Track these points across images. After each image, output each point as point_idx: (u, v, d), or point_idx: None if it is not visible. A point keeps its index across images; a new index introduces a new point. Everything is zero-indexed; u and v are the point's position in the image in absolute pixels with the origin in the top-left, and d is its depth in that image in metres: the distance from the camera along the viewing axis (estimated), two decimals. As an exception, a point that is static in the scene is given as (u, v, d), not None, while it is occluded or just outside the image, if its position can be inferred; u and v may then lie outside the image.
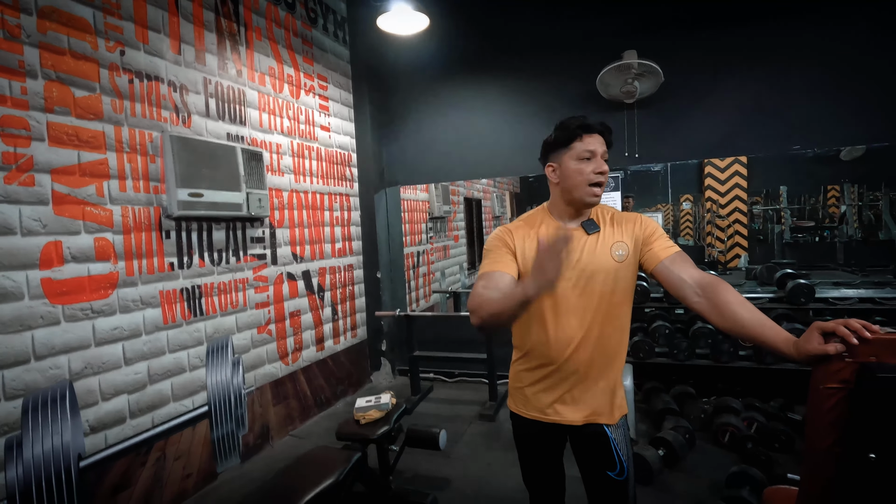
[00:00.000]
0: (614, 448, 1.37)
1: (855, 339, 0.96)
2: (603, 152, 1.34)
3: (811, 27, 3.17)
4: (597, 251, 1.33)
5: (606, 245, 1.34)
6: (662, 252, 1.30)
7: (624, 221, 1.38)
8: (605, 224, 1.37)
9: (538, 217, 1.44)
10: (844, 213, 9.47)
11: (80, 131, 2.14)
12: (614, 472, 1.37)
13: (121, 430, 2.27)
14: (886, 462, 0.97)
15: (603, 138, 1.35)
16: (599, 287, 1.32)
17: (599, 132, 1.34)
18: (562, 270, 1.05)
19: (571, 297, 1.33)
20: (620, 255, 1.33)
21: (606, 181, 1.35)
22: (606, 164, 1.35)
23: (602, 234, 1.35)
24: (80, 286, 2.12)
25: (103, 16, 2.24)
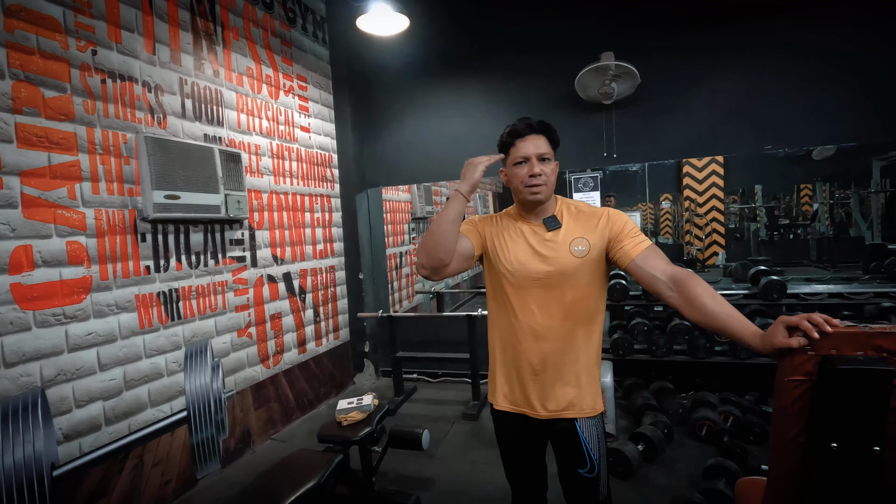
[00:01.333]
0: (585, 446, 1.40)
1: (816, 334, 1.00)
2: (540, 153, 1.37)
3: (783, 31, 3.26)
4: (556, 247, 1.38)
5: (566, 241, 1.38)
6: (633, 250, 1.32)
7: (589, 217, 1.41)
8: (567, 220, 1.41)
9: (511, 214, 1.51)
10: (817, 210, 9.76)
11: (51, 132, 2.09)
12: (584, 469, 1.40)
13: (96, 438, 2.22)
14: (847, 451, 1.01)
15: (542, 136, 1.38)
16: (560, 281, 1.37)
17: (534, 133, 1.38)
18: (480, 174, 1.35)
19: (535, 290, 1.39)
20: (580, 251, 1.36)
21: (546, 179, 1.37)
22: (547, 161, 1.38)
23: (562, 230, 1.40)
24: (52, 291, 2.07)
25: (74, 15, 2.19)
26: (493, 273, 1.48)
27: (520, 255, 1.41)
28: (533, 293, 1.39)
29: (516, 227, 1.45)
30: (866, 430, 0.99)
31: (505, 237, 1.45)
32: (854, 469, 1.01)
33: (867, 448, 0.99)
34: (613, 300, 3.24)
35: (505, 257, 1.43)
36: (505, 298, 1.44)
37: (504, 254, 1.43)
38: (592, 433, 1.41)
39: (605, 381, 3.02)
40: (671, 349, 3.11)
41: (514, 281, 1.41)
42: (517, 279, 1.40)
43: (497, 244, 1.45)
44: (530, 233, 1.42)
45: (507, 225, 1.48)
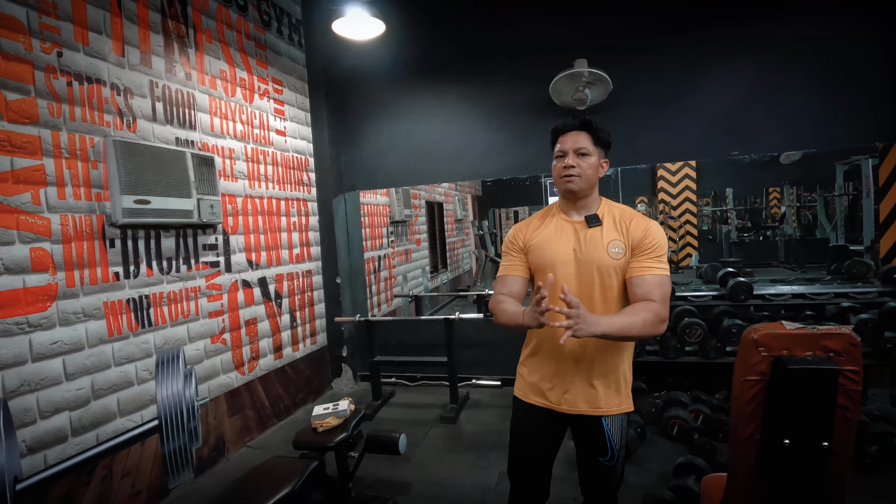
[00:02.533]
0: (609, 439, 1.48)
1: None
2: (577, 147, 1.45)
3: (749, 42, 3.38)
4: (594, 245, 1.43)
5: (604, 241, 1.43)
6: (640, 269, 1.40)
7: (628, 223, 1.46)
8: (609, 220, 1.47)
9: (547, 210, 1.59)
10: (784, 213, 10.09)
11: (13, 136, 2.03)
12: (605, 458, 1.49)
13: (62, 450, 2.17)
14: (799, 447, 1.06)
15: (584, 133, 1.47)
16: (596, 279, 1.43)
17: (573, 129, 1.48)
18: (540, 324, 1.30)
19: (573, 284, 1.44)
20: (616, 253, 1.42)
21: (581, 172, 1.45)
22: (585, 156, 1.46)
23: (602, 229, 1.45)
24: (15, 299, 2.01)
25: (38, 15, 2.14)
26: (537, 271, 1.53)
27: (558, 253, 1.47)
28: (570, 288, 1.39)
29: (559, 224, 1.51)
30: (816, 427, 1.04)
31: (547, 234, 1.51)
32: (805, 463, 1.06)
33: (817, 443, 1.05)
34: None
35: (544, 254, 1.49)
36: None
37: (543, 251, 1.49)
38: (617, 428, 1.48)
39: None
40: (644, 350, 3.18)
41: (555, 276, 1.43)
42: (559, 275, 1.44)
43: (538, 243, 1.51)
44: (571, 230, 1.48)
45: (549, 222, 1.54)
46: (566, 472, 2.67)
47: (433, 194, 8.33)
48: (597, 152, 1.48)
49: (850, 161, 7.92)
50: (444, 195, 8.92)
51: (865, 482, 2.36)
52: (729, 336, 3.04)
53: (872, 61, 3.20)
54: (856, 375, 1.02)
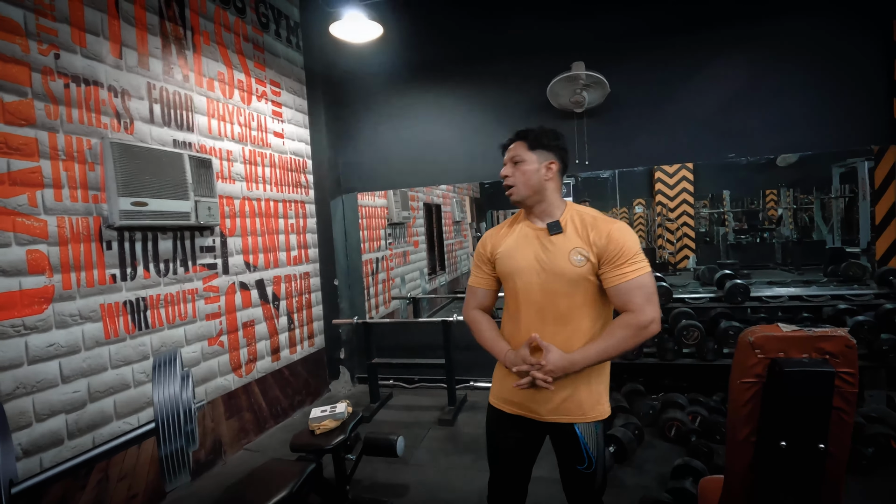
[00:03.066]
0: (584, 447, 1.45)
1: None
2: (511, 156, 1.49)
3: (746, 45, 3.40)
4: (556, 253, 1.41)
5: (565, 249, 1.40)
6: (614, 279, 1.37)
7: (593, 229, 1.41)
8: (571, 227, 1.44)
9: (515, 218, 1.59)
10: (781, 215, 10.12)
11: (10, 138, 2.03)
12: (582, 466, 1.46)
13: (58, 453, 2.15)
14: (795, 449, 1.06)
15: (517, 141, 1.51)
16: (558, 287, 1.40)
17: (514, 141, 1.52)
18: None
19: (535, 293, 1.43)
20: (578, 261, 1.38)
21: (513, 180, 1.48)
22: (520, 163, 1.47)
23: (564, 236, 1.42)
24: (11, 301, 2.01)
25: (35, 17, 2.14)
26: (503, 278, 1.54)
27: (521, 261, 1.46)
28: (533, 297, 1.43)
29: (524, 232, 1.50)
30: (812, 429, 1.05)
31: (512, 243, 1.51)
32: (801, 465, 1.06)
33: (813, 445, 1.05)
34: (585, 304, 3.30)
35: (509, 263, 1.48)
36: (510, 301, 1.52)
37: (508, 260, 1.49)
38: (592, 436, 1.45)
39: (578, 384, 3.07)
40: (641, 352, 3.18)
41: (516, 285, 1.46)
42: (519, 283, 1.45)
43: (504, 252, 1.51)
44: (534, 237, 1.47)
45: (516, 230, 1.53)
46: (564, 475, 2.67)
47: (431, 196, 8.34)
48: (534, 157, 1.46)
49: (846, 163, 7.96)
50: (441, 197, 8.92)
51: (862, 483, 2.36)
52: (726, 338, 3.04)
53: (868, 64, 3.22)
54: (852, 378, 1.03)
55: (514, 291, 1.48)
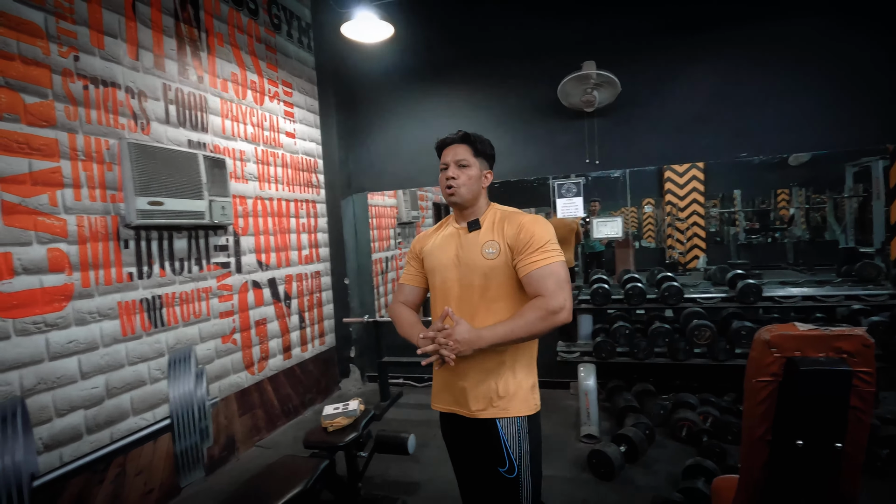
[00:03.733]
0: (504, 445, 1.40)
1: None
2: (457, 159, 1.50)
3: (757, 44, 3.38)
4: (471, 248, 1.47)
5: (479, 243, 1.46)
6: (526, 268, 1.38)
7: (508, 223, 1.46)
8: (488, 223, 1.50)
9: (448, 219, 1.63)
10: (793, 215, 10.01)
11: (32, 139, 2.07)
12: (504, 468, 1.40)
13: (77, 447, 2.20)
14: (812, 448, 1.06)
15: (463, 145, 1.52)
16: (474, 280, 1.45)
17: (455, 143, 1.53)
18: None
19: (453, 287, 1.48)
20: (490, 253, 1.43)
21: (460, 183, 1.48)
22: (466, 168, 1.49)
23: (479, 232, 1.49)
24: (32, 299, 2.05)
25: (55, 20, 2.18)
26: (428, 275, 1.59)
27: (442, 257, 1.51)
28: (452, 292, 1.48)
29: (449, 232, 1.56)
30: (829, 428, 1.05)
31: (437, 241, 1.56)
32: (818, 464, 1.06)
33: (830, 444, 1.05)
34: (596, 304, 3.30)
35: (432, 259, 1.54)
36: (434, 298, 1.57)
37: (432, 257, 1.54)
38: (514, 433, 1.41)
39: (588, 383, 3.07)
40: (652, 352, 3.17)
41: (438, 282, 1.52)
42: (439, 279, 1.51)
43: (429, 250, 1.57)
44: (455, 235, 1.53)
45: (442, 230, 1.59)
46: (574, 473, 2.67)
47: (440, 196, 8.35)
48: (477, 164, 1.51)
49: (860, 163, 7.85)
50: (450, 197, 8.92)
51: (876, 485, 2.34)
52: (738, 338, 3.02)
53: (882, 62, 3.18)
54: (869, 377, 1.03)
55: (436, 287, 1.54)
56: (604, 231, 3.98)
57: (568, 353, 3.33)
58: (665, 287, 3.14)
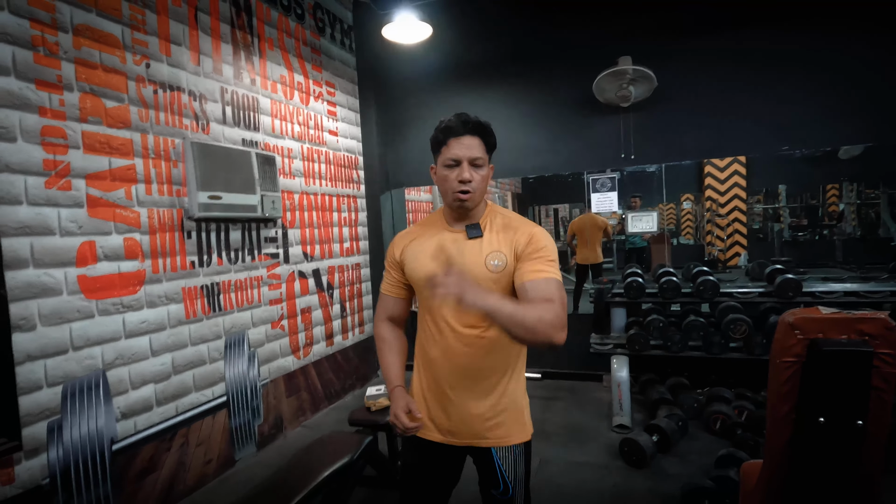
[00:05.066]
0: (499, 471, 1.34)
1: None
2: (473, 156, 1.25)
3: (802, 31, 3.31)
4: (472, 258, 1.27)
5: (483, 253, 1.27)
6: (532, 273, 1.21)
7: (512, 230, 1.29)
8: (490, 230, 1.30)
9: (430, 219, 1.41)
10: (843, 211, 9.58)
11: (111, 139, 2.31)
12: (498, 490, 1.35)
13: (148, 417, 2.44)
14: (833, 425, 1.12)
15: (477, 138, 1.26)
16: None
17: (470, 134, 1.26)
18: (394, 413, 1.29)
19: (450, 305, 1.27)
20: (496, 266, 1.25)
21: (476, 186, 1.26)
22: (479, 167, 1.27)
23: (483, 240, 1.29)
24: (112, 283, 2.29)
25: (131, 31, 2.41)
26: (413, 286, 1.39)
27: (433, 266, 1.27)
28: (448, 308, 1.29)
29: (441, 234, 1.34)
30: (850, 406, 1.11)
31: (422, 246, 1.34)
32: (839, 440, 1.12)
33: (851, 422, 1.11)
34: (630, 297, 3.33)
35: (420, 270, 1.31)
36: (422, 312, 1.36)
37: (417, 264, 1.33)
38: (510, 460, 1.34)
39: (621, 374, 3.13)
40: (686, 345, 3.18)
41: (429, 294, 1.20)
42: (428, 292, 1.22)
43: (412, 256, 1.34)
44: (451, 241, 1.31)
45: (429, 235, 1.35)
46: (606, 461, 2.75)
47: (474, 191, 8.43)
48: (488, 160, 1.30)
49: (917, 155, 7.44)
50: (484, 192, 8.99)
51: None
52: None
53: (937, 51, 3.08)
54: (891, 358, 1.08)
55: (426, 299, 1.32)
56: (639, 226, 4.00)
57: (601, 345, 3.39)
58: (701, 281, 3.15)
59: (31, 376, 1.98)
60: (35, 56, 2.03)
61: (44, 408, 2.02)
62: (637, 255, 7.13)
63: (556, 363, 4.13)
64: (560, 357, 4.11)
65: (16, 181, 1.96)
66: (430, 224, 1.39)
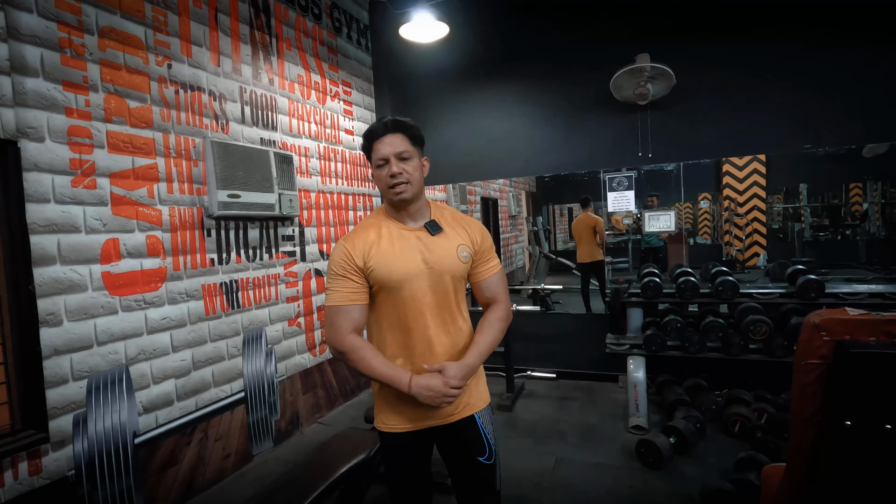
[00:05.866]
0: (484, 435, 1.43)
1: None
2: (397, 152, 1.34)
3: (822, 27, 3.24)
4: (444, 252, 1.38)
5: (452, 246, 1.39)
6: (486, 272, 1.47)
7: (467, 226, 1.45)
8: (447, 225, 1.42)
9: (376, 220, 1.43)
10: (867, 210, 9.36)
11: (134, 139, 2.36)
12: (483, 456, 1.42)
13: (169, 412, 2.49)
14: (861, 429, 1.10)
15: (399, 134, 1.36)
16: (447, 286, 1.38)
17: (391, 132, 1.36)
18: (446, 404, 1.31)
19: (427, 297, 1.36)
20: (466, 258, 1.41)
21: (409, 177, 1.34)
22: (408, 160, 1.35)
23: (446, 234, 1.40)
24: (135, 279, 2.34)
25: (153, 33, 2.46)
26: (383, 289, 1.36)
27: (408, 265, 1.34)
28: (426, 301, 1.36)
29: (399, 233, 1.38)
30: (878, 410, 1.08)
31: (389, 247, 1.36)
32: (866, 445, 1.10)
33: (879, 426, 1.08)
34: (647, 297, 3.30)
35: (393, 270, 1.34)
36: (393, 313, 1.37)
37: (390, 267, 1.34)
38: (488, 422, 1.46)
39: (637, 375, 3.10)
40: (705, 346, 3.14)
41: (406, 295, 1.34)
42: (408, 290, 1.34)
43: (382, 260, 1.34)
44: (415, 238, 1.38)
45: (387, 231, 1.39)
46: (622, 462, 2.73)
47: (488, 190, 8.43)
48: (416, 153, 1.38)
49: (945, 154, 7.23)
50: (498, 191, 8.99)
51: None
52: (797, 335, 2.94)
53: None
54: (921, 361, 1.05)
55: (401, 300, 1.35)
56: (656, 225, 3.96)
57: (617, 345, 3.36)
58: (720, 281, 3.10)
59: (58, 370, 2.03)
60: (62, 58, 2.08)
61: (70, 401, 2.07)
62: (653, 255, 7.05)
63: (570, 363, 4.11)
64: (575, 357, 4.09)
65: (44, 180, 2.01)
66: (376, 225, 1.41)
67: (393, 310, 1.37)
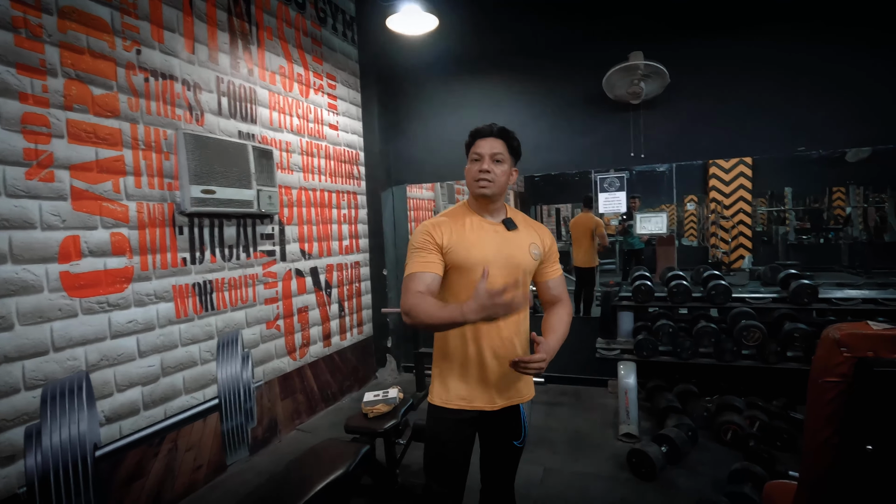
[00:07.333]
0: (523, 422, 1.60)
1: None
2: (493, 152, 1.49)
3: (816, 31, 3.20)
4: (517, 247, 1.52)
5: (525, 243, 1.54)
6: (552, 273, 1.63)
7: (537, 227, 1.63)
8: (521, 225, 1.58)
9: (461, 212, 1.57)
10: (850, 214, 9.46)
11: (98, 128, 2.19)
12: (518, 440, 1.59)
13: (134, 422, 2.32)
14: (883, 453, 1.01)
15: (500, 140, 1.51)
16: (519, 277, 1.50)
17: (491, 135, 1.51)
18: (508, 311, 1.25)
19: (499, 283, 1.38)
20: (536, 255, 1.55)
21: (494, 177, 1.48)
22: (500, 163, 1.50)
23: (520, 232, 1.55)
24: (97, 280, 2.17)
25: (121, 15, 2.29)
26: (459, 270, 1.48)
27: (485, 252, 1.48)
28: (498, 287, 1.37)
29: (479, 224, 1.53)
30: (903, 434, 0.99)
31: (469, 234, 1.50)
32: (889, 471, 1.01)
33: (904, 451, 0.99)
34: (638, 301, 3.22)
35: (470, 253, 1.47)
36: (468, 293, 1.43)
37: (469, 251, 1.47)
38: (528, 412, 1.65)
39: (628, 381, 3.01)
40: (696, 352, 3.07)
41: (475, 277, 1.44)
42: (489, 271, 1.42)
43: (463, 243, 1.47)
44: (493, 231, 1.52)
45: (469, 222, 1.53)
46: (613, 472, 2.63)
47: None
48: (510, 160, 1.53)
49: (927, 159, 7.32)
50: (486, 191, 8.89)
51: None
52: (790, 340, 2.89)
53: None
54: (951, 382, 0.96)
55: (475, 281, 1.41)
56: (647, 227, 3.89)
57: (607, 349, 3.28)
58: (712, 286, 3.03)
59: (8, 378, 1.86)
60: (16, 38, 1.91)
61: (21, 412, 1.90)
62: (636, 257, 7.02)
63: (560, 367, 4.01)
64: (564, 361, 3.98)
65: (-7, 171, 1.84)
66: (460, 215, 1.55)
67: (465, 290, 1.47)
